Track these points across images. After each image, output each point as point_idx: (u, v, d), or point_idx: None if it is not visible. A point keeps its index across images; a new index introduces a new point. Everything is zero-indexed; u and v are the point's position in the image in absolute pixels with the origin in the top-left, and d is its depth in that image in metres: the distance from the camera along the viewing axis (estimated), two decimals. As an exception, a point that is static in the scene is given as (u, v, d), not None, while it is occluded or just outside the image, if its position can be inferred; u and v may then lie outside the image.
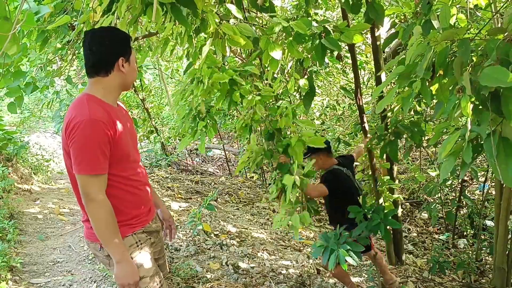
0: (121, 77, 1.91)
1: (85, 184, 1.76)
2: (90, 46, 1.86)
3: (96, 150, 1.74)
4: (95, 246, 1.95)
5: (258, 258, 4.58)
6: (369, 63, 5.92)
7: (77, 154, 1.74)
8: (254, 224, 5.82)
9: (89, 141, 1.73)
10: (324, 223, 6.35)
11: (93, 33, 1.92)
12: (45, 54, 4.53)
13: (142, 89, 8.25)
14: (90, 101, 1.80)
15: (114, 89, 1.91)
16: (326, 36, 2.63)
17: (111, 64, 1.87)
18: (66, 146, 1.79)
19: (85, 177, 1.75)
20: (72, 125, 1.73)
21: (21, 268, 3.95)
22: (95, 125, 1.73)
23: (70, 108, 1.82)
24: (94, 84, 1.88)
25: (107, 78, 1.87)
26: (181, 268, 3.84)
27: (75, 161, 1.75)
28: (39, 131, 10.44)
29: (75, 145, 1.73)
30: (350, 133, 6.99)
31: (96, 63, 1.86)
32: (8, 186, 5.58)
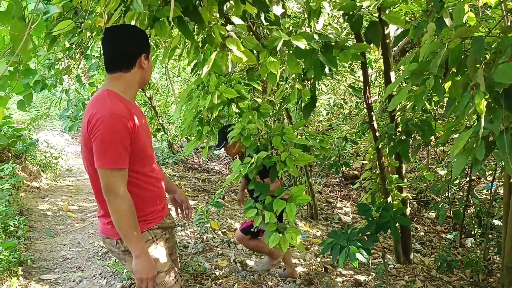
0: (141, 74, 1.93)
1: (107, 178, 1.76)
2: (113, 42, 1.88)
3: (119, 144, 1.75)
4: (110, 242, 1.96)
5: (266, 256, 4.59)
6: (377, 61, 5.91)
7: (100, 148, 1.75)
8: (261, 222, 5.83)
9: (112, 135, 1.74)
10: (331, 222, 6.35)
11: (115, 29, 1.95)
12: (54, 53, 4.55)
13: (149, 88, 8.28)
14: (110, 96, 1.81)
15: (133, 85, 1.92)
16: (325, 53, 2.63)
17: (133, 61, 1.88)
18: (88, 142, 1.80)
19: (108, 171, 1.76)
20: (94, 120, 1.74)
21: (31, 264, 3.98)
22: (117, 119, 1.75)
23: (90, 104, 1.84)
24: (114, 79, 1.88)
25: (128, 74, 1.88)
26: (190, 265, 3.86)
27: (98, 155, 1.76)
28: (46, 129, 10.49)
29: (98, 139, 1.74)
30: (357, 132, 6.99)
31: (119, 58, 1.87)
32: (18, 183, 5.62)
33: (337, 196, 7.70)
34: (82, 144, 1.87)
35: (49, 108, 9.53)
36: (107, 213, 1.87)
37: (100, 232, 2.03)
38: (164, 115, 9.35)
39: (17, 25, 2.06)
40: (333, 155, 6.57)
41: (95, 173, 1.83)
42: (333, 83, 8.09)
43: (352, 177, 8.19)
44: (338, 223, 6.37)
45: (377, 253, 5.05)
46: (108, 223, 1.92)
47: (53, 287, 3.65)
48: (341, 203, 7.40)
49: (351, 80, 7.27)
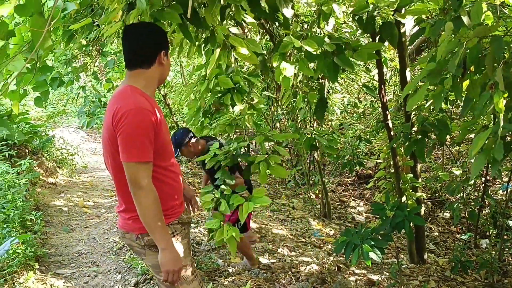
0: (161, 70, 1.96)
1: (134, 171, 1.78)
2: (134, 39, 1.91)
3: (144, 137, 1.78)
4: (131, 237, 1.98)
5: (279, 254, 4.60)
6: (393, 60, 5.88)
7: (126, 142, 1.77)
8: (274, 220, 5.85)
9: (138, 128, 1.77)
10: (344, 221, 6.34)
11: (136, 27, 1.99)
12: (71, 50, 4.61)
13: (164, 85, 8.32)
14: (134, 92, 1.84)
15: (154, 81, 1.95)
16: (339, 55, 2.63)
17: (154, 57, 1.91)
18: (112, 136, 1.81)
19: (134, 165, 1.77)
20: (120, 114, 1.76)
21: (47, 259, 4.04)
22: (142, 113, 1.78)
23: (114, 99, 1.86)
24: (135, 76, 1.91)
25: (149, 71, 1.91)
26: (203, 262, 3.88)
27: (124, 149, 1.77)
28: (62, 125, 10.60)
29: (124, 133, 1.76)
30: (371, 131, 6.96)
31: (140, 55, 1.90)
32: (34, 179, 5.70)
33: (350, 195, 7.68)
34: (106, 139, 1.88)
35: (65, 105, 9.65)
36: (129, 208, 1.90)
37: (120, 227, 2.05)
38: (178, 113, 9.40)
39: (37, 21, 2.10)
40: (347, 154, 6.56)
41: (118, 167, 1.85)
42: (347, 81, 8.06)
43: (366, 176, 8.16)
44: (351, 222, 6.35)
45: (390, 253, 5.04)
46: (129, 218, 1.94)
47: (69, 281, 3.70)
48: (354, 202, 7.38)
49: (365, 79, 7.24)
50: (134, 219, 1.92)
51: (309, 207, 6.53)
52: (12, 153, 5.64)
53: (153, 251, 1.95)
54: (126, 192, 1.87)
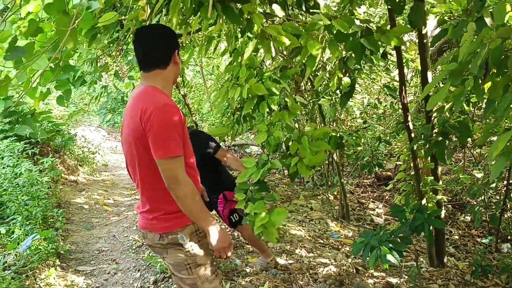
0: (176, 69, 2.02)
1: (171, 166, 1.81)
2: (148, 41, 1.95)
3: (176, 133, 1.82)
4: (153, 236, 1.98)
5: (296, 255, 4.59)
6: (414, 61, 5.81)
7: (160, 138, 1.79)
8: (292, 221, 5.83)
9: (170, 124, 1.81)
10: (363, 223, 6.29)
11: (148, 29, 2.03)
12: (95, 50, 4.68)
13: (184, 85, 8.38)
14: (156, 91, 1.89)
15: (170, 80, 2.01)
16: (366, 36, 2.61)
17: (170, 57, 1.96)
18: (141, 135, 1.84)
19: (171, 160, 1.80)
20: (148, 112, 1.80)
21: (68, 256, 4.11)
22: (171, 109, 1.83)
23: (137, 99, 1.90)
24: (153, 77, 1.95)
25: (166, 71, 1.96)
26: (221, 261, 3.90)
27: (158, 146, 1.80)
28: (84, 124, 10.76)
29: (156, 130, 1.79)
30: (391, 132, 6.89)
31: (157, 56, 1.95)
32: (56, 177, 5.80)
33: (369, 197, 7.62)
34: (132, 139, 1.90)
35: (88, 104, 9.78)
36: (154, 207, 1.94)
37: (142, 228, 2.06)
38: (197, 113, 9.46)
39: (62, 19, 2.14)
40: (366, 155, 6.50)
41: (146, 166, 1.89)
42: (367, 82, 8.00)
43: (385, 178, 8.08)
44: (370, 224, 6.30)
45: (409, 256, 4.98)
46: (153, 218, 1.96)
47: (89, 278, 3.76)
48: (373, 204, 7.32)
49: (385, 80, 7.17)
50: (158, 219, 1.96)
51: (328, 208, 6.50)
52: (35, 151, 5.75)
53: (176, 249, 1.97)
54: (154, 191, 1.92)
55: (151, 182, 1.91)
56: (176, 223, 1.95)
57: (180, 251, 1.95)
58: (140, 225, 2.07)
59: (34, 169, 4.86)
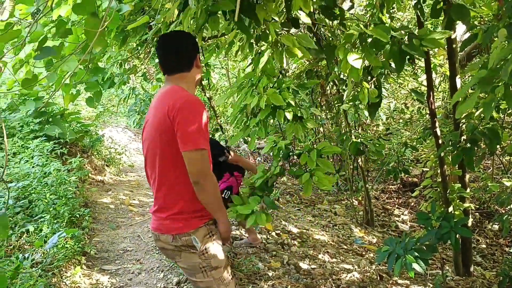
0: (198, 72, 2.12)
1: (200, 159, 1.85)
2: (173, 46, 2.05)
3: (205, 127, 1.88)
4: (166, 238, 1.99)
5: (319, 260, 4.57)
6: (443, 66, 5.72)
7: (189, 130, 1.83)
8: (315, 226, 5.81)
9: (199, 118, 1.86)
10: (388, 229, 6.22)
11: (172, 35, 2.16)
12: (124, 52, 4.76)
13: (209, 88, 8.44)
14: (183, 90, 1.97)
15: (193, 83, 2.09)
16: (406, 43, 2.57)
17: (193, 60, 2.06)
18: (167, 129, 1.88)
19: (200, 152, 1.84)
20: (178, 106, 1.85)
21: (93, 255, 4.18)
22: (199, 104, 1.90)
23: (164, 97, 1.96)
24: (177, 80, 2.03)
25: (189, 74, 2.05)
26: (244, 264, 3.91)
27: (187, 138, 1.83)
28: (111, 125, 10.93)
29: (185, 123, 1.83)
30: (418, 138, 6.78)
31: (181, 60, 2.04)
32: (84, 177, 5.91)
33: (394, 203, 7.52)
34: (156, 134, 1.95)
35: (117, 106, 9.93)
36: (169, 204, 1.97)
37: (154, 230, 2.06)
38: (222, 116, 9.51)
39: (91, 21, 2.18)
40: (392, 160, 6.42)
41: (169, 160, 1.92)
42: (394, 87, 7.91)
43: (411, 184, 7.97)
44: (395, 231, 6.22)
45: (435, 264, 4.90)
46: (167, 217, 1.98)
47: (113, 277, 3.81)
48: (398, 210, 7.22)
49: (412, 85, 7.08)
50: (171, 219, 1.97)
51: (352, 214, 6.45)
52: (64, 151, 5.86)
53: (190, 252, 1.98)
54: (172, 186, 1.95)
55: (171, 177, 1.94)
56: (188, 224, 1.96)
57: (194, 254, 1.97)
58: (153, 227, 2.08)
59: (62, 169, 4.96)
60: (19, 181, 4.39)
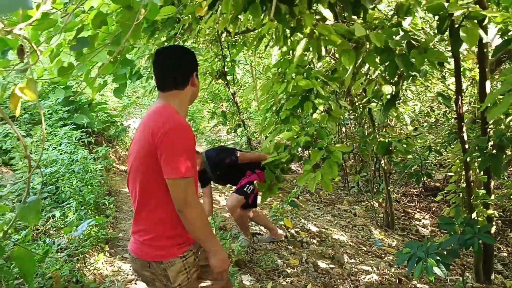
0: (193, 91, 2.02)
1: (184, 188, 1.77)
2: (168, 62, 1.95)
3: (189, 153, 1.80)
4: (142, 263, 1.91)
5: (338, 260, 4.57)
6: (472, 70, 5.64)
7: (173, 158, 1.76)
8: (334, 226, 5.80)
9: (183, 145, 1.79)
10: (408, 233, 6.17)
11: (168, 50, 2.03)
12: (153, 45, 4.81)
13: (234, 84, 8.48)
14: (172, 111, 1.87)
15: (186, 102, 2.00)
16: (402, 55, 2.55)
17: (188, 78, 1.97)
18: (152, 152, 1.80)
19: (184, 181, 1.76)
20: (162, 131, 1.77)
21: (116, 242, 4.26)
22: (185, 130, 1.81)
23: (152, 117, 1.88)
24: (170, 97, 1.94)
25: (183, 92, 1.96)
26: (263, 260, 3.94)
27: (170, 166, 1.76)
28: (135, 117, 11.08)
29: (169, 150, 1.77)
30: (442, 142, 6.70)
31: (176, 77, 1.94)
32: (109, 166, 6.02)
33: (415, 207, 7.45)
34: (141, 154, 1.87)
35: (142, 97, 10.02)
36: (148, 229, 1.88)
37: (132, 252, 1.96)
38: (245, 112, 9.54)
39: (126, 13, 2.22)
40: (414, 164, 6.37)
41: (150, 185, 1.84)
42: (420, 89, 7.82)
43: (433, 189, 7.89)
44: (415, 235, 6.16)
45: (455, 270, 4.85)
46: (144, 241, 1.89)
47: (135, 266, 3.88)
48: (419, 214, 7.16)
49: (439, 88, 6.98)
50: (149, 245, 1.88)
51: (372, 215, 6.42)
52: (91, 140, 5.97)
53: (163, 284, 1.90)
54: (153, 211, 1.86)
55: (151, 201, 1.86)
56: (165, 253, 1.87)
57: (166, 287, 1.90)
58: (130, 248, 1.98)
59: (89, 157, 5.06)
60: (47, 167, 4.50)
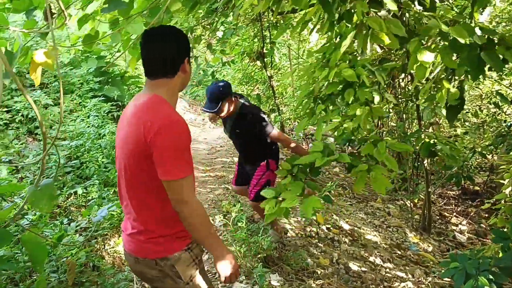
0: (184, 78, 1.81)
1: (181, 188, 1.63)
2: (157, 46, 1.73)
3: (186, 151, 1.65)
4: (148, 262, 1.79)
5: (370, 263, 4.28)
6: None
7: (169, 158, 1.61)
8: (367, 225, 5.49)
9: (180, 143, 1.63)
10: (445, 238, 5.80)
11: (158, 32, 1.78)
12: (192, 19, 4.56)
13: (271, 66, 8.17)
14: (162, 103, 1.69)
15: (176, 91, 1.80)
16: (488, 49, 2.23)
17: (178, 65, 1.76)
18: (144, 151, 1.64)
19: (180, 181, 1.63)
20: (155, 128, 1.60)
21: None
22: (179, 126, 1.64)
23: (141, 110, 1.69)
24: (158, 86, 1.74)
25: (173, 80, 1.75)
26: (292, 258, 3.68)
27: (166, 167, 1.62)
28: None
29: (165, 150, 1.61)
30: (488, 145, 6.27)
31: (164, 63, 1.73)
32: (136, 143, 5.84)
33: (452, 210, 7.05)
34: (131, 151, 1.69)
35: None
36: (148, 229, 1.76)
37: (132, 252, 1.83)
38: (280, 96, 9.21)
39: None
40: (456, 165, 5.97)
41: (144, 185, 1.71)
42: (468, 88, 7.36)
43: (472, 193, 7.48)
44: (452, 241, 5.79)
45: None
46: (146, 240, 1.77)
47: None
48: (456, 219, 6.77)
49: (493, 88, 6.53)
50: (151, 242, 1.76)
51: (407, 216, 6.07)
52: (120, 114, 5.79)
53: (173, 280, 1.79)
54: (151, 211, 1.74)
55: (147, 202, 1.73)
56: (169, 248, 1.76)
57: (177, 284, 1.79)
58: (130, 248, 1.84)
59: (117, 132, 4.86)
60: (73, 139, 4.31)
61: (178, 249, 1.76)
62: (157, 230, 1.74)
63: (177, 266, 1.75)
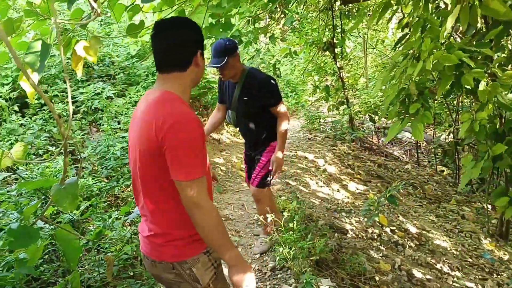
0: (197, 72, 1.72)
1: (194, 190, 1.54)
2: (168, 38, 1.66)
3: (199, 150, 1.57)
4: (164, 266, 1.72)
5: (437, 271, 3.98)
6: None
7: (181, 158, 1.53)
8: (437, 228, 5.13)
9: (193, 142, 1.55)
10: (525, 247, 5.30)
11: (169, 24, 1.70)
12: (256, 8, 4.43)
13: (342, 57, 7.88)
14: (175, 100, 1.61)
15: (189, 85, 1.72)
16: None
17: (191, 58, 1.68)
18: (156, 149, 1.56)
19: (193, 183, 1.54)
20: (167, 126, 1.52)
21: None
22: (193, 123, 1.56)
23: (152, 107, 1.61)
24: (170, 80, 1.67)
25: (185, 74, 1.67)
26: (349, 261, 3.48)
27: (179, 166, 1.54)
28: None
29: (177, 148, 1.53)
30: None
31: (176, 56, 1.66)
32: (201, 135, 5.87)
33: (536, 216, 6.42)
34: (143, 150, 1.62)
35: (242, 64, 9.80)
36: (165, 232, 1.69)
37: (149, 255, 1.76)
38: (350, 88, 8.88)
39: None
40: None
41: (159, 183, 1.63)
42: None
43: (561, 197, 6.75)
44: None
45: None
46: (163, 243, 1.70)
47: (210, 245, 3.65)
48: (540, 225, 6.16)
49: None
50: (167, 245, 1.69)
51: (483, 221, 5.61)
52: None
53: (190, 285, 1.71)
54: (164, 212, 1.67)
55: (162, 203, 1.66)
56: (187, 252, 1.69)
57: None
58: (145, 251, 1.79)
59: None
60: (135, 131, 4.38)
61: (196, 252, 1.70)
62: (173, 233, 1.68)
63: (195, 269, 1.69)
